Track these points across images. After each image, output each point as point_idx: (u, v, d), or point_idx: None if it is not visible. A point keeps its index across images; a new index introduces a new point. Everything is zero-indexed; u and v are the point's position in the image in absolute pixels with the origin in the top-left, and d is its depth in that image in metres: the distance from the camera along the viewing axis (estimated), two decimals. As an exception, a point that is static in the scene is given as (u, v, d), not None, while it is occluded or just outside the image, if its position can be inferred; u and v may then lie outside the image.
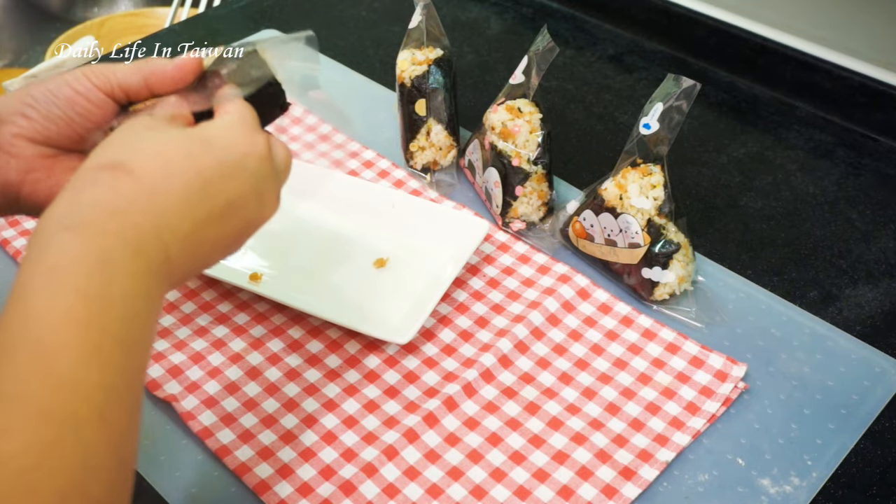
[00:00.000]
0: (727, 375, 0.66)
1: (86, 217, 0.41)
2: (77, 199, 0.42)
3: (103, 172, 0.43)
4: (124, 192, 0.42)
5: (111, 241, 0.41)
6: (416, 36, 0.84)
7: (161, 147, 0.45)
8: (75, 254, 0.40)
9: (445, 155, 0.84)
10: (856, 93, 0.92)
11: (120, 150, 0.45)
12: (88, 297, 0.39)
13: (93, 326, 0.38)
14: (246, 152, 0.48)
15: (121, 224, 0.41)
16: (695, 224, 0.80)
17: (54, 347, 0.37)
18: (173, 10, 1.31)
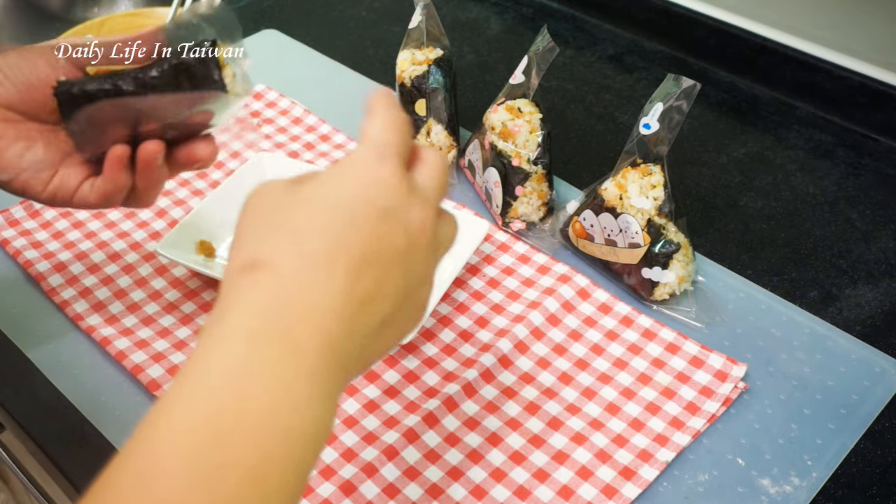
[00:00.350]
0: (727, 375, 0.66)
1: (233, 324, 0.37)
2: (224, 309, 0.37)
3: (243, 275, 0.38)
4: (267, 290, 0.37)
5: (262, 346, 0.36)
6: (416, 36, 0.84)
7: (291, 226, 0.39)
8: (213, 360, 0.36)
9: (445, 155, 0.84)
10: (856, 93, 0.92)
11: (252, 243, 0.39)
12: (219, 411, 0.34)
13: (216, 446, 0.34)
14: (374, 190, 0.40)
15: (274, 325, 0.36)
16: (695, 224, 0.80)
17: (163, 470, 0.33)
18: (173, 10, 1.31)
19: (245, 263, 0.38)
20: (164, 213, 0.80)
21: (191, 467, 0.33)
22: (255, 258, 0.38)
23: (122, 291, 0.72)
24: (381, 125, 0.43)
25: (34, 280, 0.74)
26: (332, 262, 0.38)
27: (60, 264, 0.74)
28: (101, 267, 0.75)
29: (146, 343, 0.68)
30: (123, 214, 0.80)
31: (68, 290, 0.72)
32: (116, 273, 0.74)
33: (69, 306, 0.71)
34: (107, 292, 0.72)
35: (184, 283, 0.73)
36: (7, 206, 0.80)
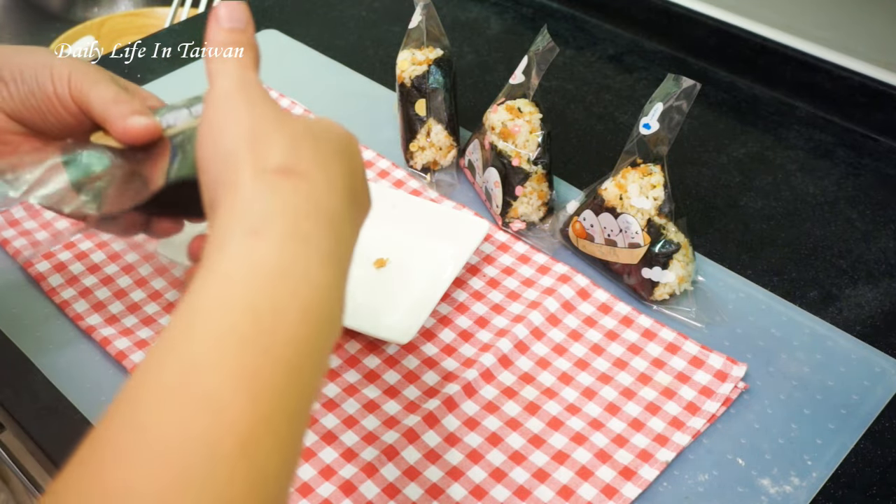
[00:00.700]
0: (727, 375, 0.66)
1: (270, 220, 0.37)
2: (257, 202, 0.38)
3: (279, 177, 0.39)
4: (307, 193, 0.39)
5: (300, 248, 0.37)
6: (416, 36, 0.84)
7: (308, 141, 0.42)
8: (255, 260, 0.36)
9: (445, 155, 0.84)
10: (856, 93, 0.92)
11: (279, 149, 0.41)
12: (260, 313, 0.35)
13: (255, 346, 0.34)
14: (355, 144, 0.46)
15: (311, 228, 0.38)
16: (695, 224, 0.80)
17: (206, 364, 0.33)
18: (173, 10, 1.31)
19: (280, 167, 0.40)
20: (164, 213, 0.80)
21: (232, 366, 0.33)
22: (290, 165, 0.40)
23: (122, 291, 0.72)
24: None
25: (34, 280, 0.74)
26: (347, 187, 0.42)
27: (60, 264, 0.74)
28: (101, 267, 0.75)
29: (146, 343, 0.68)
30: (123, 214, 0.80)
31: (68, 290, 0.72)
32: (116, 273, 0.74)
33: (69, 306, 0.71)
34: (107, 292, 0.72)
35: (184, 283, 0.73)
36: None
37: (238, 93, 0.42)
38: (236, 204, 0.38)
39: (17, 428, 0.65)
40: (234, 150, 0.40)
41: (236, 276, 0.36)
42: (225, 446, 0.32)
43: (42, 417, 0.64)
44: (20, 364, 0.67)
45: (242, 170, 0.40)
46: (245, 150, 0.40)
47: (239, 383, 0.33)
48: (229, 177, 0.40)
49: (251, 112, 0.42)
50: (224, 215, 0.39)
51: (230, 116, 0.42)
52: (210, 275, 0.36)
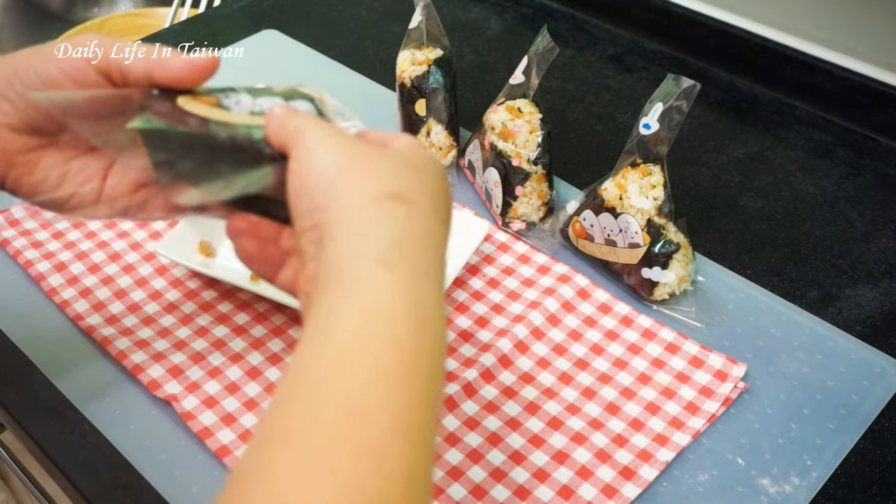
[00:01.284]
0: (727, 375, 0.66)
1: (398, 251, 0.37)
2: (379, 230, 0.38)
3: (391, 203, 0.39)
4: (420, 223, 0.39)
5: (424, 281, 0.37)
6: (416, 36, 0.84)
7: (407, 170, 0.42)
8: (393, 294, 0.36)
9: (445, 155, 0.84)
10: (856, 93, 0.92)
11: (383, 176, 0.40)
12: (404, 349, 0.35)
13: (405, 386, 0.34)
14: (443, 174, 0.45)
15: (429, 260, 0.39)
16: (695, 224, 0.80)
17: (366, 408, 0.33)
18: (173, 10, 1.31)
19: (390, 193, 0.39)
20: (164, 213, 0.80)
21: (389, 408, 0.33)
22: (398, 191, 0.40)
23: (122, 291, 0.73)
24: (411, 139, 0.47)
25: (34, 280, 0.74)
26: (444, 212, 0.42)
27: (60, 264, 0.74)
28: (101, 267, 0.75)
29: (146, 343, 0.68)
30: (123, 214, 0.80)
31: (68, 290, 0.72)
32: (116, 273, 0.74)
33: (69, 306, 0.71)
34: (107, 292, 0.72)
35: (184, 283, 0.73)
36: (7, 206, 0.80)
37: (329, 130, 0.42)
38: (360, 229, 0.38)
39: (17, 428, 0.65)
40: (337, 176, 0.40)
41: (380, 308, 0.35)
42: (394, 496, 0.32)
43: (42, 417, 0.64)
44: (20, 364, 0.67)
45: (353, 194, 0.39)
46: (350, 176, 0.40)
47: (395, 425, 0.33)
48: (338, 201, 0.39)
49: (347, 143, 0.42)
50: (346, 242, 0.38)
51: (327, 146, 0.41)
52: (351, 304, 0.36)
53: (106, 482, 0.60)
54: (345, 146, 0.41)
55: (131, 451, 0.61)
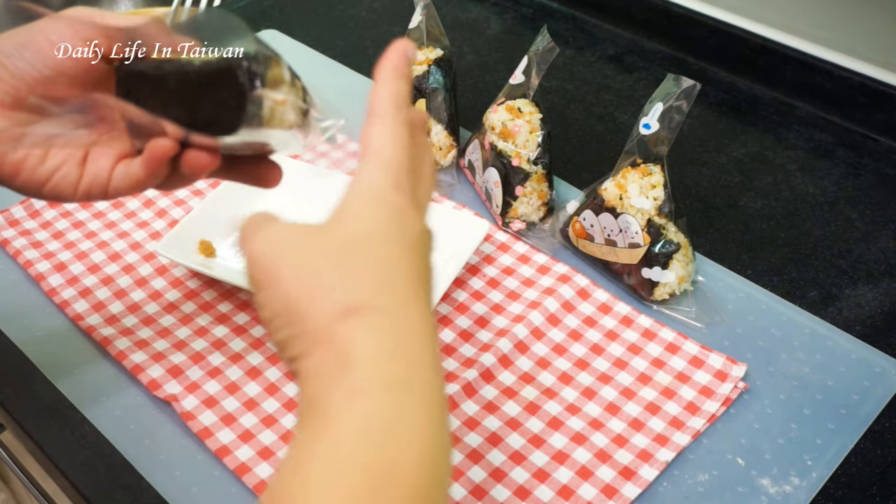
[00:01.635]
0: (727, 375, 0.66)
1: (367, 374, 0.36)
2: (346, 358, 0.36)
3: (349, 320, 0.37)
4: (386, 329, 0.37)
5: (401, 394, 0.36)
6: (416, 36, 0.84)
7: (358, 266, 0.39)
8: (361, 421, 0.35)
9: (445, 155, 0.84)
10: (856, 93, 0.92)
11: (332, 291, 0.38)
12: (373, 474, 0.34)
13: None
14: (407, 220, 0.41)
15: (406, 368, 0.37)
16: (695, 224, 0.80)
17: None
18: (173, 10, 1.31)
19: (343, 310, 0.37)
20: (164, 213, 0.80)
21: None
22: (351, 303, 0.38)
23: (122, 291, 0.72)
24: (388, 136, 0.43)
25: (34, 280, 0.74)
26: (415, 292, 0.39)
27: (60, 264, 0.74)
28: (101, 267, 0.75)
29: (146, 343, 0.68)
30: (124, 214, 0.80)
31: (68, 290, 0.72)
32: (116, 273, 0.74)
33: (69, 306, 0.71)
34: (107, 292, 0.72)
35: (184, 283, 0.73)
36: (7, 206, 0.80)
37: (268, 252, 0.40)
38: (326, 364, 0.37)
39: (17, 428, 0.65)
40: (291, 312, 0.38)
41: (345, 441, 0.35)
42: None
43: (42, 417, 0.64)
44: (20, 364, 0.67)
45: (311, 326, 0.38)
46: (303, 306, 0.38)
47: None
48: (302, 337, 0.38)
49: (288, 264, 0.39)
50: (316, 378, 0.37)
51: (273, 280, 0.39)
52: (319, 443, 0.35)
53: (106, 482, 0.60)
54: (289, 263, 0.39)
55: (131, 451, 0.61)
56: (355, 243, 0.39)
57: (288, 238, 0.40)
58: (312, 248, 0.40)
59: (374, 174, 0.42)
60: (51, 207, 0.80)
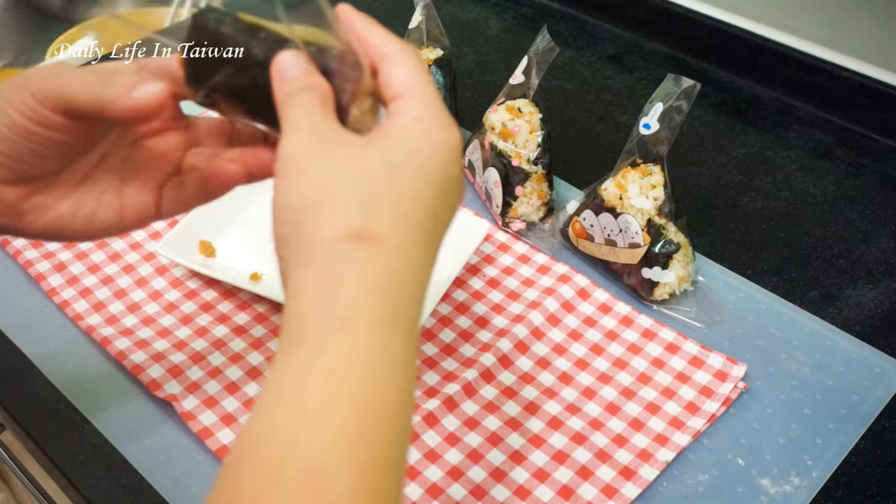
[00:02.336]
0: (727, 375, 0.66)
1: (358, 306, 0.36)
2: (339, 284, 0.37)
3: (352, 245, 0.37)
4: (384, 265, 0.37)
5: (388, 331, 0.37)
6: (416, 36, 0.84)
7: (388, 192, 0.39)
8: (353, 353, 0.36)
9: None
10: (856, 93, 0.92)
11: (350, 209, 0.38)
12: (363, 408, 0.35)
13: (366, 443, 0.34)
14: (448, 156, 0.41)
15: (392, 304, 0.37)
16: (695, 224, 0.80)
17: (327, 471, 0.33)
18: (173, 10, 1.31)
19: (352, 232, 0.38)
20: (164, 213, 0.80)
21: (350, 467, 0.33)
22: (362, 227, 0.38)
23: (122, 291, 0.72)
24: (420, 74, 0.42)
25: (34, 280, 0.74)
26: (429, 233, 0.40)
27: (60, 264, 0.74)
28: (101, 267, 0.75)
29: (146, 343, 0.68)
30: (123, 214, 0.80)
31: (68, 290, 0.72)
32: (116, 273, 0.74)
33: (69, 306, 0.71)
34: (107, 292, 0.72)
35: (184, 283, 0.73)
36: (7, 206, 0.80)
37: (308, 145, 0.40)
38: (319, 282, 0.37)
39: (17, 428, 0.65)
40: (304, 211, 0.38)
41: (338, 372, 0.35)
42: None
43: (42, 417, 0.64)
44: (20, 364, 0.67)
45: (315, 235, 0.38)
46: (315, 212, 0.38)
47: (359, 485, 0.33)
48: (302, 241, 0.38)
49: (320, 166, 0.39)
50: (307, 298, 0.37)
51: (301, 172, 0.39)
52: (310, 371, 0.35)
53: (106, 482, 0.60)
54: (324, 169, 0.39)
55: (131, 451, 0.61)
56: (392, 170, 0.39)
57: (331, 139, 0.40)
58: (350, 159, 0.39)
59: (421, 109, 0.41)
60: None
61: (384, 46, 0.43)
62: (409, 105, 0.41)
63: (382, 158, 0.40)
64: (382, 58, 0.43)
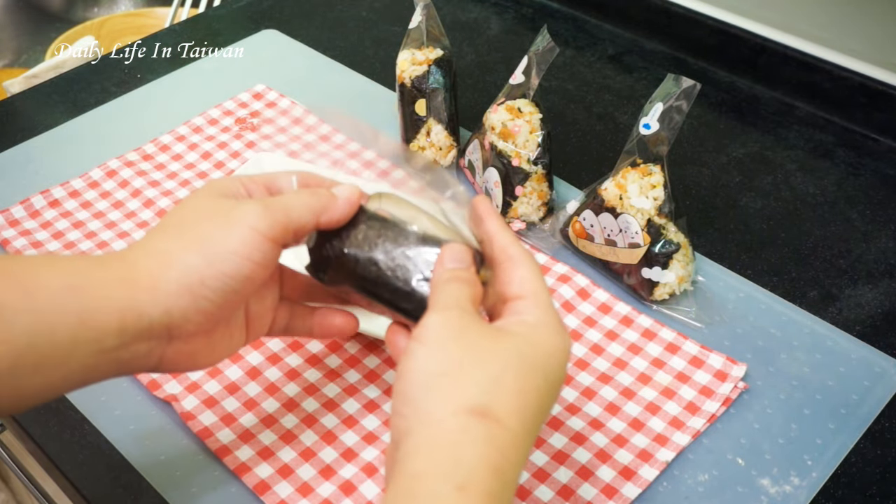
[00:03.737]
0: (727, 375, 0.66)
1: (474, 476, 0.40)
2: (459, 453, 0.40)
3: (475, 420, 0.41)
4: (501, 447, 0.41)
5: (475, 499, 0.39)
6: (416, 36, 0.84)
7: (513, 380, 0.43)
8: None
9: (445, 155, 0.84)
10: (856, 93, 0.92)
11: (479, 387, 0.42)
12: None
13: None
14: (563, 360, 0.45)
15: (501, 484, 0.40)
16: (695, 224, 0.80)
17: None
18: (173, 10, 1.31)
19: (477, 409, 0.41)
20: (163, 212, 0.80)
21: None
22: (487, 407, 0.41)
23: (122, 291, 0.72)
24: (542, 282, 0.47)
25: (34, 280, 0.73)
26: (537, 426, 0.44)
27: (60, 264, 0.74)
28: (101, 267, 0.74)
29: (146, 343, 0.68)
30: (124, 214, 0.80)
31: (68, 290, 0.72)
32: (116, 273, 0.74)
33: (69, 306, 0.71)
34: (107, 292, 0.72)
35: None
36: (7, 206, 0.80)
37: (453, 323, 0.44)
38: (440, 449, 0.40)
39: (17, 428, 0.65)
40: (436, 379, 0.42)
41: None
42: None
43: (42, 417, 0.64)
44: (20, 364, 0.67)
45: (442, 402, 0.41)
46: (447, 382, 0.42)
47: None
48: (428, 405, 0.41)
49: (459, 344, 0.43)
50: (428, 459, 0.40)
51: (442, 345, 0.43)
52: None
53: (106, 482, 0.60)
54: (460, 348, 0.43)
55: (131, 451, 0.61)
56: (521, 361, 0.43)
57: (473, 325, 0.44)
58: (485, 343, 0.43)
59: (544, 314, 0.46)
60: (51, 207, 0.80)
61: (510, 248, 0.47)
62: (533, 307, 0.46)
63: (514, 349, 0.44)
64: (508, 258, 0.47)
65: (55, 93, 0.97)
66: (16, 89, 1.13)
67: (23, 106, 0.96)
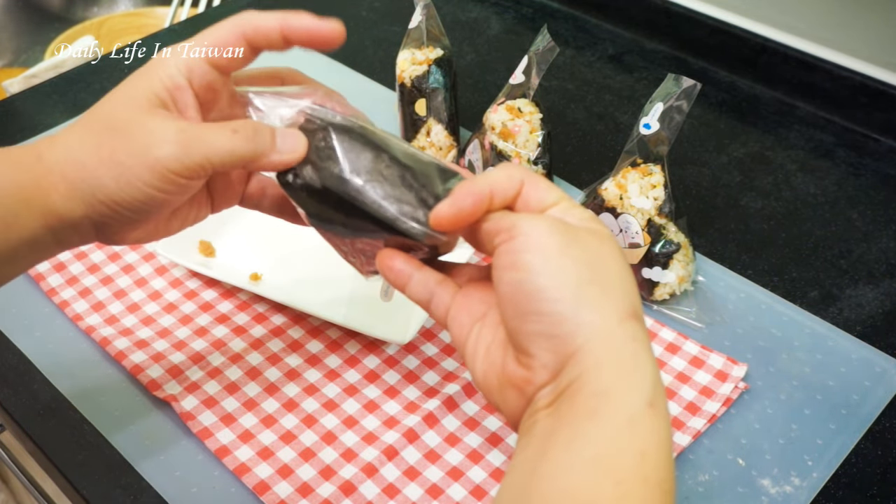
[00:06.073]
0: (727, 375, 0.66)
1: (657, 391, 0.39)
2: (643, 366, 0.39)
3: (637, 325, 0.41)
4: (649, 347, 0.41)
5: (667, 414, 0.39)
6: (416, 36, 0.84)
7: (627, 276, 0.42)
8: (660, 438, 0.38)
9: (445, 155, 0.84)
10: (856, 93, 0.92)
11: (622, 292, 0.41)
12: (664, 489, 0.37)
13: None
14: None
15: (661, 392, 0.40)
16: (695, 224, 0.80)
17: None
18: (173, 10, 1.31)
19: (632, 311, 0.41)
20: (163, 213, 0.80)
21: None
22: (635, 306, 0.41)
23: (121, 292, 0.72)
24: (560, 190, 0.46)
25: (34, 280, 0.73)
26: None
27: (60, 264, 0.74)
28: (101, 267, 0.75)
29: (146, 343, 0.68)
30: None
31: (68, 290, 0.72)
32: (116, 273, 0.74)
33: (69, 307, 0.71)
34: (107, 292, 0.72)
35: (184, 283, 0.73)
36: (7, 206, 0.80)
37: (558, 228, 0.42)
38: (624, 362, 0.39)
39: (17, 428, 0.64)
40: (584, 290, 0.40)
41: (650, 455, 0.37)
42: None
43: (42, 417, 0.64)
44: (20, 364, 0.67)
45: (600, 313, 0.40)
46: (595, 290, 0.40)
47: None
48: (590, 319, 0.39)
49: (580, 248, 0.41)
50: (614, 376, 0.39)
51: (565, 253, 0.41)
52: (625, 448, 0.37)
53: (106, 482, 0.60)
54: (579, 252, 0.41)
55: (131, 451, 0.61)
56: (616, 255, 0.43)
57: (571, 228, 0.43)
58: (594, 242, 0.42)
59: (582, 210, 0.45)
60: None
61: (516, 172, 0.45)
62: (572, 207, 0.44)
63: (605, 245, 0.43)
64: (522, 183, 0.45)
65: (55, 93, 0.97)
66: (15, 89, 1.13)
67: (22, 106, 0.96)
